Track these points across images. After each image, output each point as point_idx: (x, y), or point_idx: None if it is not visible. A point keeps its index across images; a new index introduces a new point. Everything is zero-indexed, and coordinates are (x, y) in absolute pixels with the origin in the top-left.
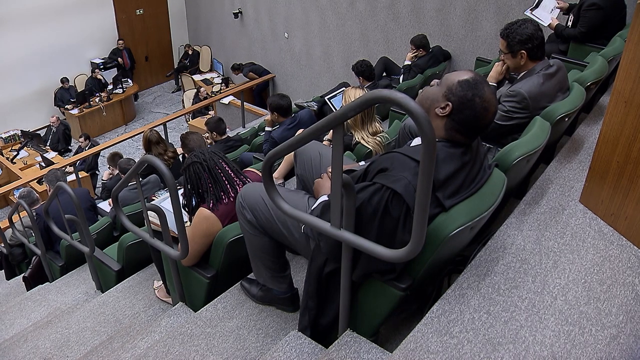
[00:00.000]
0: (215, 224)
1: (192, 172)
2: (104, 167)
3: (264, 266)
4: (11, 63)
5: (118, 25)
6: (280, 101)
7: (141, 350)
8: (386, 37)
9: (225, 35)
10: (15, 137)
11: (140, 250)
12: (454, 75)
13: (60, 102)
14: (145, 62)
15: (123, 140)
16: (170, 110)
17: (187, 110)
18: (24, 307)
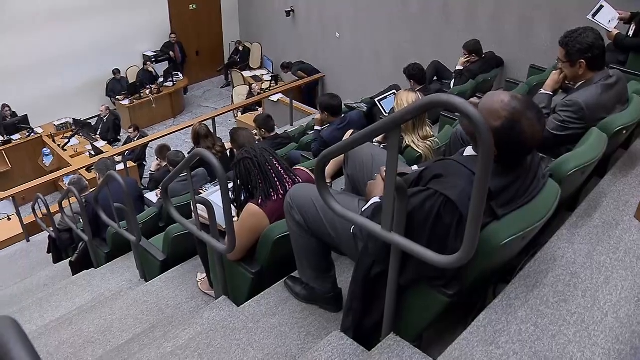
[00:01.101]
0: (263, 220)
1: (243, 168)
2: (151, 158)
3: (309, 266)
4: (67, 53)
5: (171, 19)
6: (331, 101)
7: (183, 340)
8: (438, 40)
9: (276, 32)
10: (67, 125)
11: (186, 242)
12: (499, 95)
13: (111, 92)
14: (196, 56)
15: (171, 132)
16: (219, 105)
17: (237, 106)
18: (69, 291)
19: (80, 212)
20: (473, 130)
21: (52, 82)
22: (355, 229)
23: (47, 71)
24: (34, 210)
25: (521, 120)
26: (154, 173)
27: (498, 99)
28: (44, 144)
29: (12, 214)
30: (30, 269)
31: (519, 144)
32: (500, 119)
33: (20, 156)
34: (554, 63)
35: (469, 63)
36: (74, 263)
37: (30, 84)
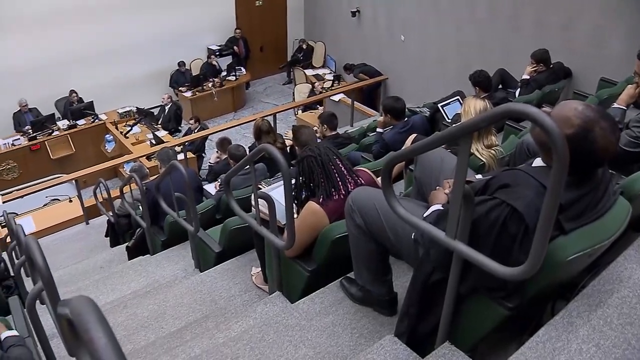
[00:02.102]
0: (323, 219)
1: (306, 165)
2: (210, 150)
3: (366, 268)
4: (135, 43)
5: (237, 14)
6: (394, 104)
7: (235, 333)
8: (505, 47)
9: (340, 32)
10: (130, 113)
11: (243, 235)
12: (572, 104)
13: (175, 84)
14: (260, 52)
15: (232, 127)
16: (280, 101)
17: (298, 103)
18: (125, 275)
19: (141, 199)
20: (545, 140)
21: (119, 71)
22: (416, 235)
23: (114, 59)
24: (95, 194)
25: (594, 129)
26: (213, 165)
27: (571, 107)
28: (107, 130)
29: (74, 197)
30: (88, 251)
31: (591, 154)
32: (572, 127)
33: (84, 141)
34: (628, 76)
35: (536, 72)
36: (131, 248)
37: (98, 72)
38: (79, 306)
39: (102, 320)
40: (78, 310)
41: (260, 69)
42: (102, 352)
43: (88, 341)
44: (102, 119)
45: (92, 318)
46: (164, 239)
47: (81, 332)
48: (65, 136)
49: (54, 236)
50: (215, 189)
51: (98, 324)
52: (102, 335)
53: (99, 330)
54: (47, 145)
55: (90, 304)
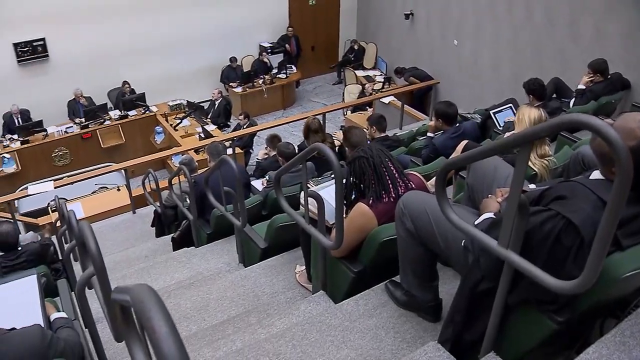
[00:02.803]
0: (372, 220)
1: (358, 167)
2: (258, 146)
3: (413, 273)
4: (188, 37)
5: (290, 12)
6: (447, 109)
7: (278, 329)
8: (562, 56)
9: (393, 34)
10: (180, 106)
11: (289, 233)
12: (635, 115)
13: (225, 79)
14: (311, 51)
15: (281, 124)
16: (329, 101)
17: (348, 104)
18: (169, 266)
19: (189, 192)
20: (605, 152)
21: (171, 64)
22: (466, 242)
23: (167, 53)
24: (144, 184)
25: None
26: (261, 161)
27: (635, 119)
28: (157, 122)
29: (122, 186)
30: (134, 240)
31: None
32: (635, 139)
33: (134, 131)
34: None
35: (593, 83)
36: (176, 239)
37: (151, 64)
38: (141, 294)
39: (164, 309)
40: (140, 298)
41: (311, 68)
42: (163, 340)
43: (149, 329)
44: (153, 111)
45: (154, 307)
46: (209, 232)
47: (142, 320)
48: (116, 126)
49: (100, 223)
50: (263, 185)
51: (160, 313)
52: (163, 324)
53: (160, 319)
54: (98, 134)
55: (152, 292)
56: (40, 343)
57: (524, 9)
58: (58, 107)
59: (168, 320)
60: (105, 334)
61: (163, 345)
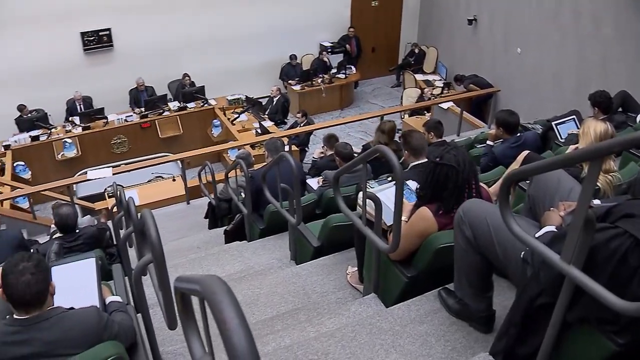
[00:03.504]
0: (433, 227)
1: (441, 174)
2: (314, 145)
3: (468, 282)
4: (249, 33)
5: (352, 13)
6: (508, 118)
7: (327, 329)
8: (631, 69)
9: (455, 39)
10: (239, 101)
11: (343, 233)
12: None
13: (285, 76)
14: (372, 52)
15: (338, 124)
16: (386, 103)
17: (407, 108)
18: (221, 258)
19: (245, 186)
20: None
21: (232, 58)
22: (526, 254)
23: (229, 47)
24: (200, 176)
25: None
26: (317, 160)
27: None
28: (214, 116)
29: (177, 176)
30: (187, 230)
31: None
32: None
33: (192, 124)
34: None
35: None
36: (229, 232)
37: (212, 58)
38: (213, 285)
39: (235, 301)
40: (212, 290)
41: (370, 69)
42: (234, 332)
43: (220, 320)
44: (212, 104)
45: (226, 298)
46: (262, 228)
47: (214, 311)
48: (174, 117)
49: (155, 212)
50: (318, 184)
51: (232, 305)
52: (235, 316)
53: (232, 311)
54: (156, 124)
55: (224, 284)
56: (96, 324)
57: (592, 21)
58: (119, 96)
59: (239, 313)
60: (156, 320)
61: (234, 337)
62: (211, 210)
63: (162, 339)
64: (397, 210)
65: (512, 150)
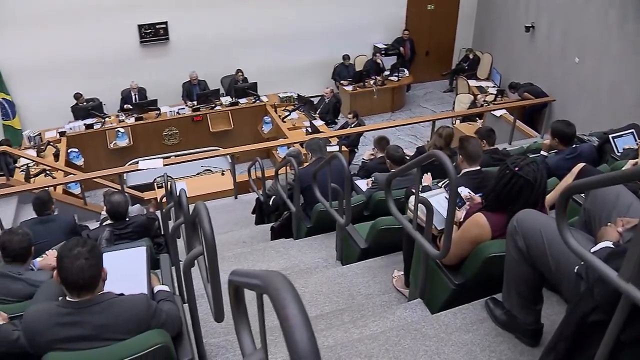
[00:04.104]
0: (486, 234)
1: (517, 185)
2: (363, 146)
3: (517, 293)
4: (304, 31)
5: (407, 15)
6: (565, 128)
7: (371, 331)
8: None
9: (510, 46)
10: (290, 99)
11: (391, 236)
12: None
13: (337, 76)
14: (425, 56)
15: (388, 127)
16: (438, 108)
17: (459, 113)
18: (267, 254)
19: (294, 184)
20: None
21: (285, 56)
22: (580, 269)
23: (283, 45)
24: (249, 171)
25: None
26: (366, 162)
27: None
28: (266, 112)
29: (226, 170)
30: (233, 224)
31: None
32: None
33: (243, 119)
34: None
35: None
36: (275, 229)
37: (266, 55)
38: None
39: (299, 299)
40: (276, 285)
41: (423, 73)
42: (297, 329)
43: (283, 317)
44: (263, 101)
45: (290, 295)
46: (309, 226)
47: (277, 307)
48: (226, 112)
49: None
50: (367, 186)
51: (295, 302)
52: (298, 314)
53: (295, 308)
54: (208, 118)
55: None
56: (145, 312)
57: None
58: (173, 89)
59: (302, 310)
60: (200, 311)
61: (296, 334)
62: (258, 206)
63: (205, 331)
64: (450, 216)
65: (566, 162)
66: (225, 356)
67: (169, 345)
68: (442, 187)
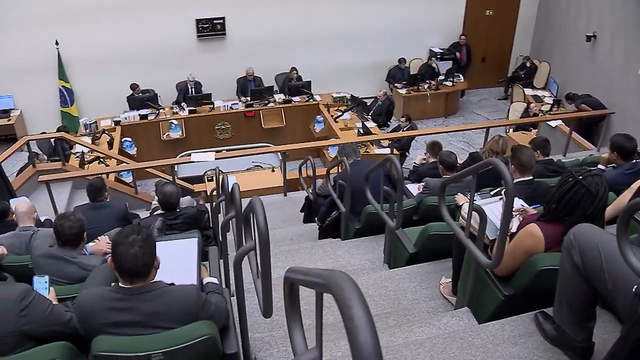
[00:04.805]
0: (540, 246)
1: (578, 194)
2: (414, 150)
3: (569, 309)
4: (361, 32)
5: (465, 20)
6: (626, 143)
7: (416, 337)
8: None
9: (570, 56)
10: (344, 99)
11: (441, 243)
12: None
13: (391, 78)
14: (481, 62)
15: (441, 132)
16: (492, 116)
17: (514, 122)
18: (314, 253)
19: (345, 184)
20: None
21: (340, 56)
22: (638, 289)
23: (337, 45)
24: (301, 169)
25: None
26: (418, 166)
27: None
28: (318, 111)
29: (276, 167)
30: (281, 221)
31: None
32: None
33: (295, 117)
34: None
35: None
36: (323, 228)
37: (320, 54)
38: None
39: (364, 300)
40: (341, 285)
41: (478, 79)
42: (362, 330)
43: (348, 317)
44: (316, 100)
45: (355, 296)
46: (358, 227)
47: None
48: (279, 109)
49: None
50: (418, 190)
51: (360, 304)
52: (363, 315)
53: (360, 309)
54: (261, 114)
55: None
56: (195, 302)
57: None
58: (227, 83)
59: (367, 312)
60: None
61: (360, 335)
62: (308, 205)
63: (249, 325)
64: (505, 226)
65: (625, 177)
66: (268, 351)
67: (215, 337)
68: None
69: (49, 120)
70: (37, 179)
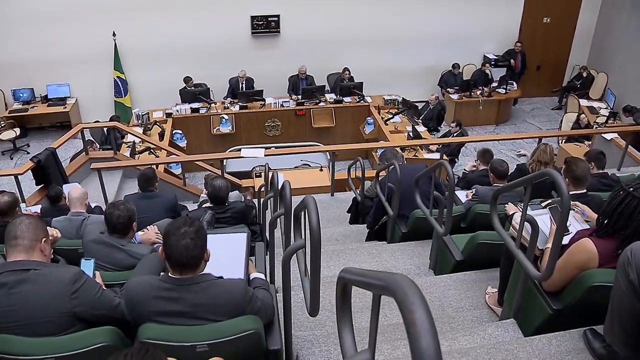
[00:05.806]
0: (593, 261)
1: (630, 206)
2: (463, 157)
3: (622, 328)
4: (416, 35)
5: (521, 27)
6: None
7: (460, 345)
8: None
9: (630, 66)
10: (395, 102)
11: (489, 251)
12: None
13: (444, 83)
14: (536, 70)
15: (491, 140)
16: (544, 126)
17: (567, 133)
18: (359, 255)
19: (394, 187)
20: None
21: (393, 59)
22: None
23: (391, 47)
24: (349, 170)
25: None
26: (467, 173)
27: None
28: (369, 113)
29: (325, 167)
30: (327, 221)
31: None
32: None
33: (345, 117)
34: None
35: None
36: (370, 231)
37: (374, 55)
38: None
39: (426, 305)
40: (405, 290)
41: (532, 87)
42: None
43: (410, 321)
44: (367, 101)
45: (418, 301)
46: (404, 231)
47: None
48: (329, 109)
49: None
50: (467, 197)
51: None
52: (425, 320)
53: (423, 314)
54: (311, 113)
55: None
56: (242, 297)
57: None
58: (279, 81)
59: (430, 317)
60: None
61: (422, 340)
62: (355, 206)
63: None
64: (558, 239)
65: None
66: (310, 350)
67: (260, 332)
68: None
69: (103, 110)
70: (89, 166)
